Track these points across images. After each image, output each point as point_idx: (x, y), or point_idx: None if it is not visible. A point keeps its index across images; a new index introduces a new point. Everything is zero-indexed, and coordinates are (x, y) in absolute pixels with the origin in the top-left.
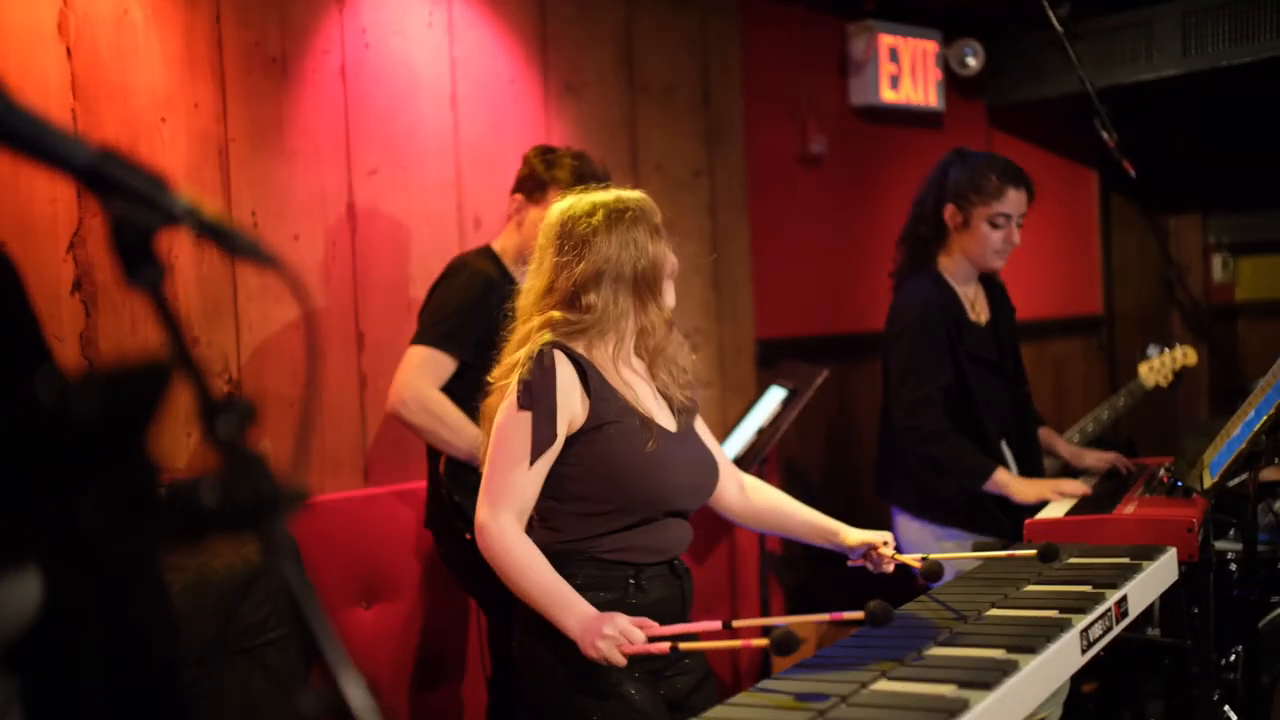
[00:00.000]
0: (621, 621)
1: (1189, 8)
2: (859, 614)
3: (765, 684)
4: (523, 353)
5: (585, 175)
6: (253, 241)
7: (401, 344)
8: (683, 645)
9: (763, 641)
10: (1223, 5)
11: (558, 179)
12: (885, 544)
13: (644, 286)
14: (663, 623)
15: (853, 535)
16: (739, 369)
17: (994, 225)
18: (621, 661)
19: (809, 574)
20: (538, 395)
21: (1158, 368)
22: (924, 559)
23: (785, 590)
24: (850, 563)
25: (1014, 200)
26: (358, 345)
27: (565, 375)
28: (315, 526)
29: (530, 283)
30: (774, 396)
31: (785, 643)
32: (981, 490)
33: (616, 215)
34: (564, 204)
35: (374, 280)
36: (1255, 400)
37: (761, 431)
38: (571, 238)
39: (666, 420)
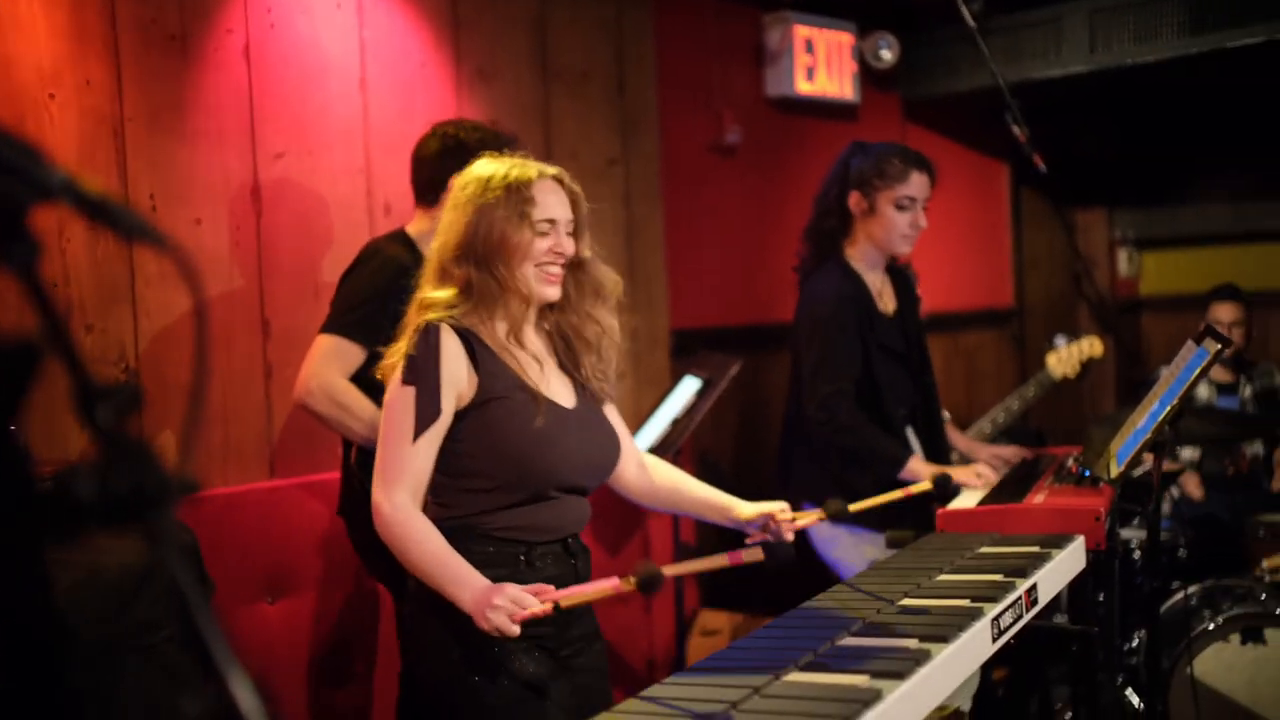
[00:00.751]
0: (512, 590)
1: (1096, 7)
2: (759, 553)
3: (677, 677)
4: (410, 327)
5: (492, 148)
6: (140, 219)
7: (310, 332)
8: (564, 602)
9: (629, 586)
10: (1128, 5)
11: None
12: (782, 511)
13: (494, 267)
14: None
15: (747, 509)
16: (653, 359)
17: (900, 208)
18: (514, 631)
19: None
20: (421, 370)
21: (1065, 359)
22: (821, 518)
23: (699, 581)
24: (749, 539)
25: (918, 183)
26: (263, 333)
27: (451, 349)
28: (218, 520)
29: (429, 250)
30: (688, 387)
31: (649, 579)
32: (897, 479)
33: (482, 190)
34: (461, 174)
35: (280, 266)
36: (1159, 391)
37: (675, 422)
38: (450, 210)
39: (564, 396)
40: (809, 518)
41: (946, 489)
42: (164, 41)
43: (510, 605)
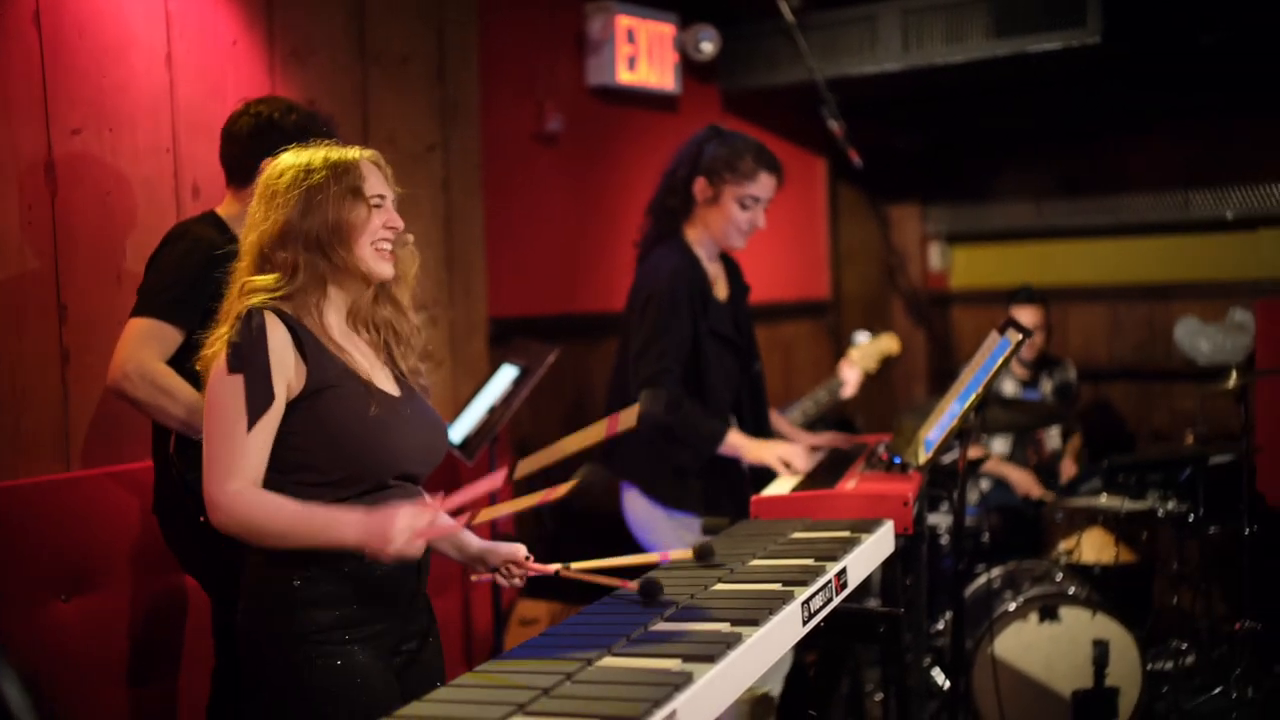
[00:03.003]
0: (404, 509)
1: (909, 7)
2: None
3: (488, 665)
4: (231, 316)
5: (309, 129)
6: None
7: (112, 317)
8: (477, 519)
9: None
10: (939, 7)
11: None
12: (529, 558)
13: (332, 244)
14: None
15: (477, 543)
16: (471, 348)
17: (743, 206)
18: (418, 551)
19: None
20: (248, 356)
21: (865, 354)
22: (559, 572)
23: None
24: (474, 576)
25: (765, 184)
26: (59, 318)
27: (277, 337)
28: (7, 514)
29: (242, 240)
30: (505, 375)
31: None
32: (718, 455)
33: (304, 174)
34: (271, 164)
35: (79, 248)
36: (964, 381)
37: (493, 410)
38: (263, 198)
39: (389, 385)
40: (545, 567)
41: (707, 555)
42: None
43: (409, 528)
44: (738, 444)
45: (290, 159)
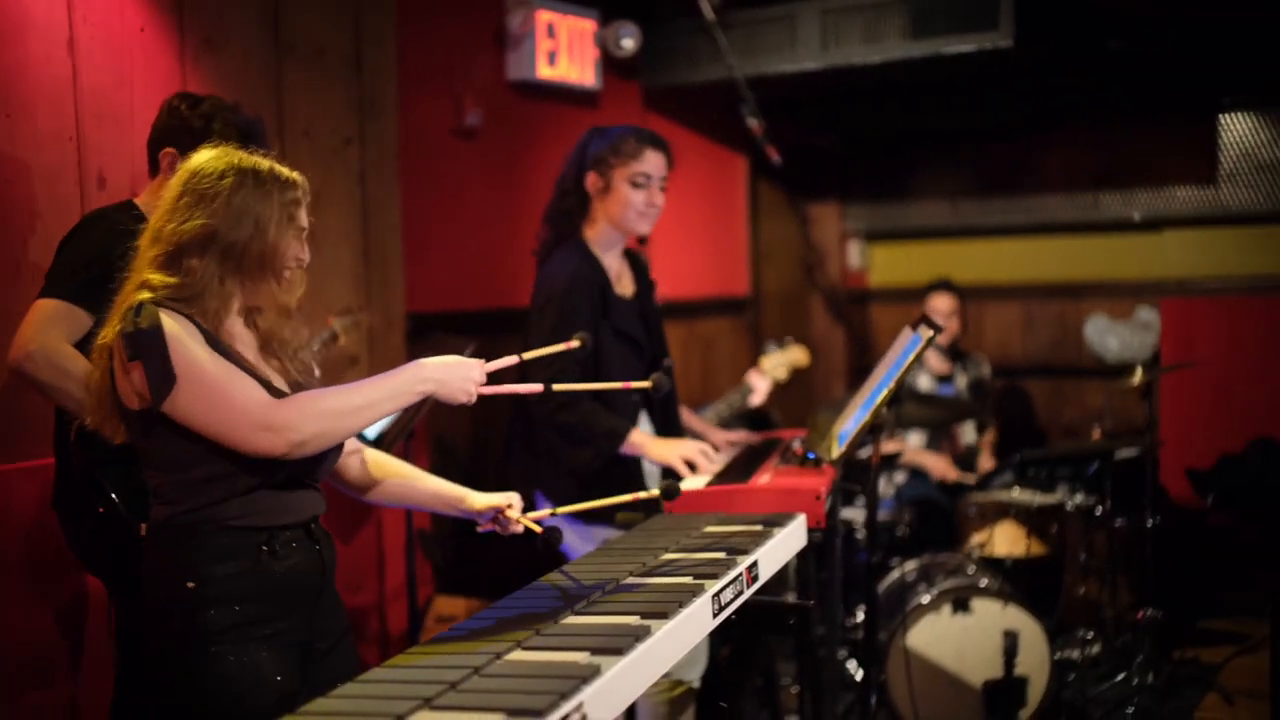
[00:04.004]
0: (476, 363)
1: (827, 7)
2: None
3: (398, 659)
4: (122, 308)
5: (249, 134)
6: None
7: (11, 309)
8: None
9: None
10: (857, 8)
11: (214, 131)
12: (510, 506)
13: (254, 267)
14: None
15: (479, 500)
16: (388, 343)
17: (635, 185)
18: (473, 399)
19: (456, 551)
20: (145, 342)
21: (776, 364)
22: (552, 513)
23: (434, 566)
24: (480, 528)
25: (653, 160)
26: None
27: (177, 322)
28: None
29: (152, 225)
30: None
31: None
32: (620, 454)
33: (247, 182)
34: (205, 155)
35: None
36: (877, 376)
37: (408, 406)
38: (192, 193)
39: (278, 381)
40: (533, 520)
41: (672, 494)
42: None
43: (480, 380)
44: (640, 442)
45: (230, 159)
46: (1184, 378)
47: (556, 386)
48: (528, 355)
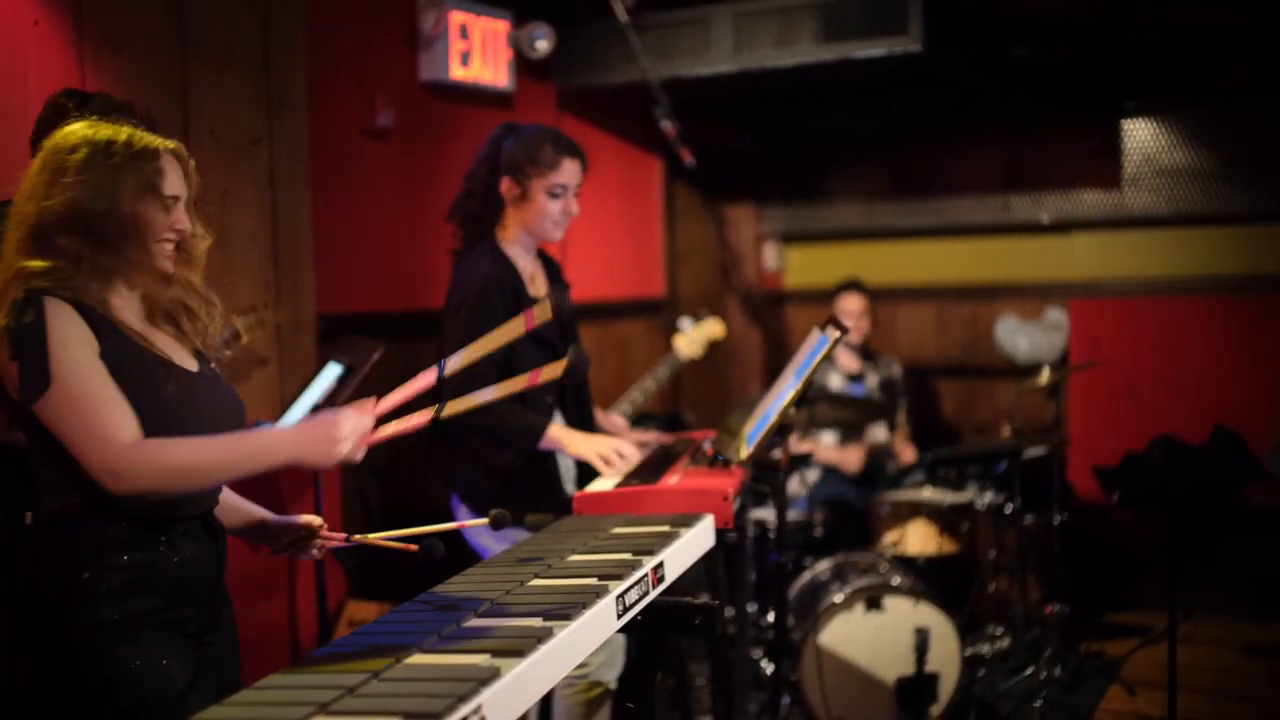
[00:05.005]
0: (348, 418)
1: (740, 10)
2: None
3: (297, 665)
4: (6, 301)
5: (111, 110)
6: None
7: None
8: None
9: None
10: (769, 11)
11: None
12: (321, 527)
13: (117, 238)
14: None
15: (277, 522)
16: (298, 345)
17: (553, 196)
18: (360, 458)
19: (368, 556)
20: (25, 340)
21: (692, 340)
22: (348, 539)
23: (346, 570)
24: (273, 550)
25: (570, 170)
26: None
27: (62, 315)
28: None
29: (14, 208)
30: (330, 373)
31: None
32: (538, 451)
33: (100, 156)
34: (65, 130)
35: None
36: (786, 377)
37: (316, 409)
38: (48, 170)
39: (187, 361)
40: (338, 539)
41: (502, 524)
42: None
43: (355, 431)
44: (559, 437)
45: (86, 132)
46: (1092, 378)
47: (446, 413)
48: (453, 366)
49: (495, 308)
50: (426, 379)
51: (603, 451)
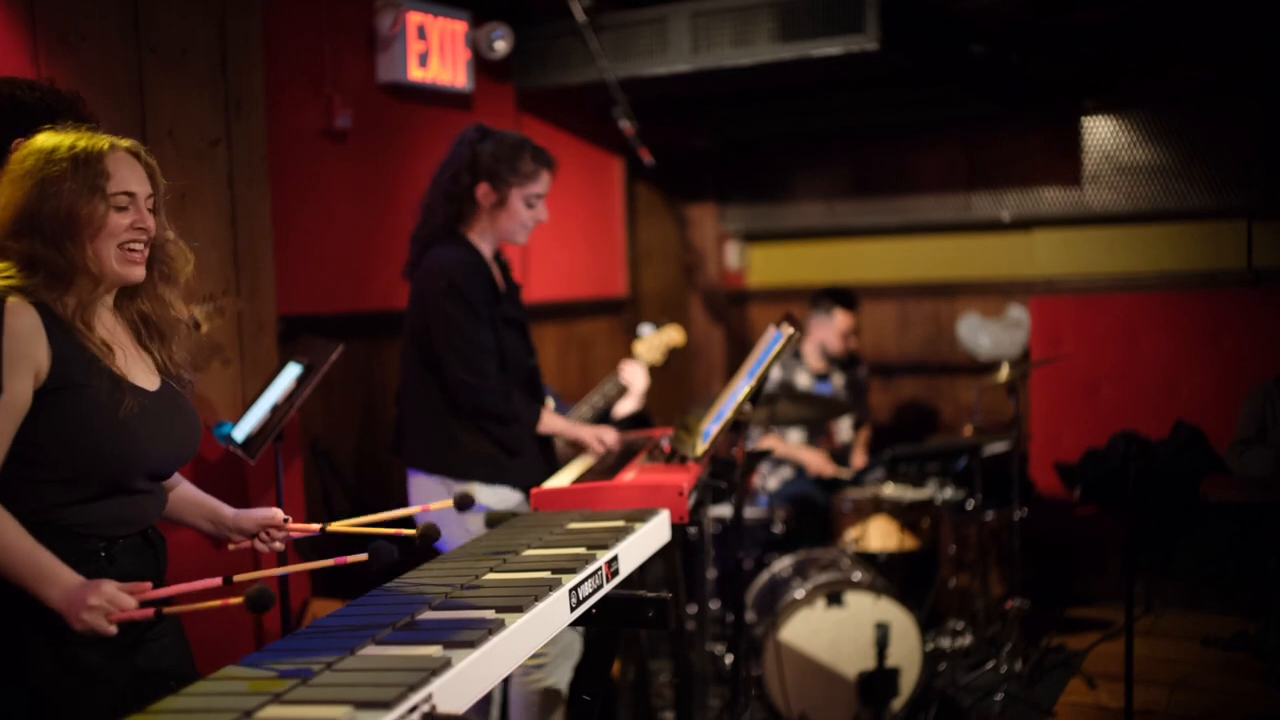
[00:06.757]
0: (109, 589)
1: (698, 10)
2: (363, 556)
3: (254, 656)
4: None
5: (54, 105)
6: None
7: None
8: (167, 610)
9: (238, 600)
10: (726, 10)
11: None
12: (286, 520)
13: (62, 245)
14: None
15: (233, 514)
16: (259, 346)
17: (529, 204)
18: (111, 631)
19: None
20: None
21: (652, 346)
22: (323, 528)
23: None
24: (232, 545)
25: (546, 181)
26: None
27: (24, 324)
28: None
29: None
30: (289, 373)
31: (259, 599)
32: (534, 436)
33: (46, 160)
34: (25, 141)
35: None
36: (742, 373)
37: (275, 409)
38: (7, 177)
39: (146, 379)
40: (306, 528)
41: (432, 536)
42: None
43: (106, 605)
44: (554, 425)
45: (40, 141)
46: (1053, 374)
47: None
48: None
49: (480, 289)
50: (207, 583)
51: (598, 432)
